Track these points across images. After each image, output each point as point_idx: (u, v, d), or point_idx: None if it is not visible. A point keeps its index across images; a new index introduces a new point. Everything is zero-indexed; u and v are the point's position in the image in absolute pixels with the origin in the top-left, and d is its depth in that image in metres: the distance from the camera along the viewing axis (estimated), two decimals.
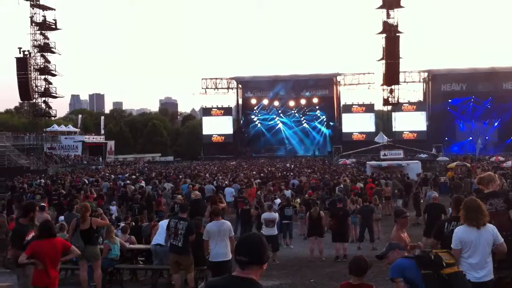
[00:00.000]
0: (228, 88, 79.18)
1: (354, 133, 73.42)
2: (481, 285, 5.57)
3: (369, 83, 72.24)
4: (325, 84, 76.35)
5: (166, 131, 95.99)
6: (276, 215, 13.61)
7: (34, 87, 59.07)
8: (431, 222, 12.74)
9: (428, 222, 12.98)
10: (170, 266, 9.77)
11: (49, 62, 60.04)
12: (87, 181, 29.33)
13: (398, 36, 56.28)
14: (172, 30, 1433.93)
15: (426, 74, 72.89)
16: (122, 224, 12.97)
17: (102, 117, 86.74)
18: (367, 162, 39.60)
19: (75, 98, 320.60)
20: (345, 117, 75.29)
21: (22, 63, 57.27)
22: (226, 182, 25.75)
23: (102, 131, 78.11)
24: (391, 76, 56.70)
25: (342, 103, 76.57)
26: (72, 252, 7.44)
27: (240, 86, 79.41)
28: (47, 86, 60.30)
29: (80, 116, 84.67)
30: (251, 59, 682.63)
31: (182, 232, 9.33)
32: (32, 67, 58.53)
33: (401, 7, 56.03)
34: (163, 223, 10.64)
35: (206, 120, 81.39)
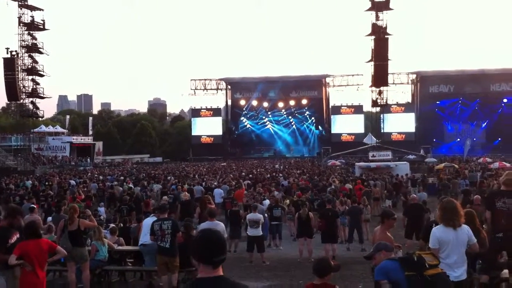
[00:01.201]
0: (217, 89, 79.06)
1: (343, 134, 73.78)
2: (459, 283, 5.70)
3: (358, 85, 72.49)
4: (314, 85, 76.65)
5: (155, 132, 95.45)
6: (260, 216, 13.56)
7: (21, 87, 58.69)
8: (411, 223, 12.84)
9: (408, 223, 13.03)
10: (158, 268, 9.75)
11: (36, 62, 59.71)
12: (74, 182, 29.08)
13: (387, 38, 56.66)
14: (161, 30, 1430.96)
15: (414, 75, 73.30)
16: (111, 225, 12.88)
17: (90, 118, 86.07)
18: (356, 163, 39.70)
19: (62, 99, 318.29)
20: (334, 118, 75.64)
21: (10, 64, 56.87)
22: (215, 183, 25.67)
23: (90, 132, 77.52)
24: (380, 78, 57.02)
25: (331, 104, 77.01)
26: (59, 252, 7.39)
27: (229, 87, 79.32)
28: (34, 86, 59.95)
29: (68, 116, 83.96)
30: (240, 60, 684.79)
31: (169, 232, 9.31)
32: (19, 68, 58.14)
33: (390, 9, 56.46)
34: (146, 222, 10.58)
35: (195, 121, 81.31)
